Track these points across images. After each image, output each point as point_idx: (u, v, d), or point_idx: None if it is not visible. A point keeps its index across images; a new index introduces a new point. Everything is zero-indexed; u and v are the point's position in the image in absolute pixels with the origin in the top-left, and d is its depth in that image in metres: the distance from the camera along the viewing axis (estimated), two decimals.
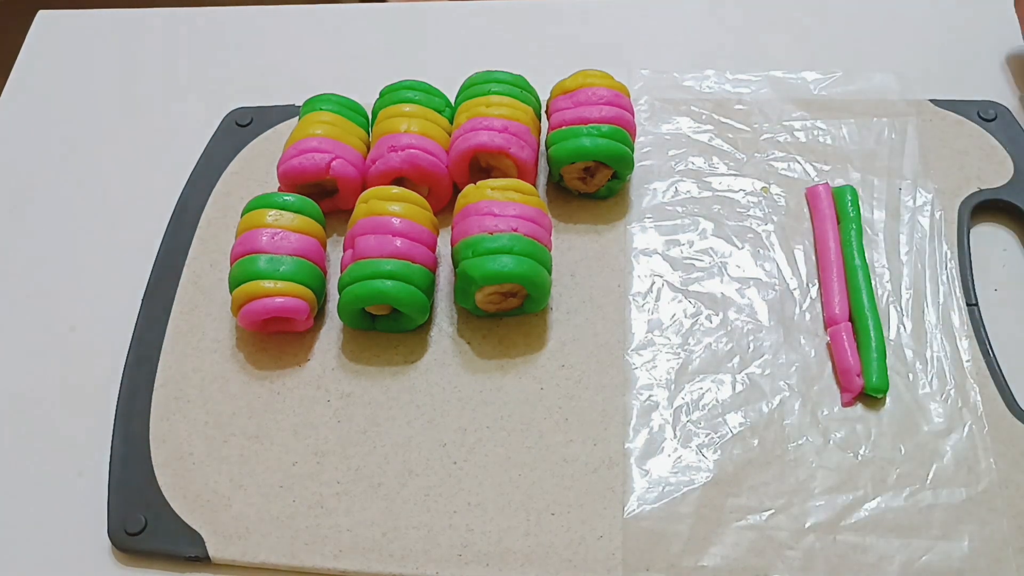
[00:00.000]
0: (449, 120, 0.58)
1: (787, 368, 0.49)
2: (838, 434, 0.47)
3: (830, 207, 0.54)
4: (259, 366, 0.51)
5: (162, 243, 0.57)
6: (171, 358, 0.52)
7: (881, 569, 0.43)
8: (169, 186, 0.59)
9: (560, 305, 0.53)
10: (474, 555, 0.45)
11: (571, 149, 0.54)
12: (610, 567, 0.44)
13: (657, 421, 0.48)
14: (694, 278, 0.53)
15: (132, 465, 0.48)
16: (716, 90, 0.62)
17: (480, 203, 0.51)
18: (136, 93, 0.67)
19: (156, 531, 0.46)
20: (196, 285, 0.55)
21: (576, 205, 0.57)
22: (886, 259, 0.53)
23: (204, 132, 0.62)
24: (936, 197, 0.55)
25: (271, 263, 0.50)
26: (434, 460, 0.48)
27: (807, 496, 0.45)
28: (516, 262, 0.49)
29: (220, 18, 0.71)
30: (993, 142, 0.57)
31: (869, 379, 0.48)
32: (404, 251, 0.50)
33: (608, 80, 0.56)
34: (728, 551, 0.44)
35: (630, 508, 0.46)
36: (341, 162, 0.55)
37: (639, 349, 0.51)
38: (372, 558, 0.45)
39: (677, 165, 0.58)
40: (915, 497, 0.45)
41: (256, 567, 0.46)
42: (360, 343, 0.52)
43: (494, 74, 0.58)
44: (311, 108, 0.58)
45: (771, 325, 0.51)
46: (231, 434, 0.49)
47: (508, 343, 0.51)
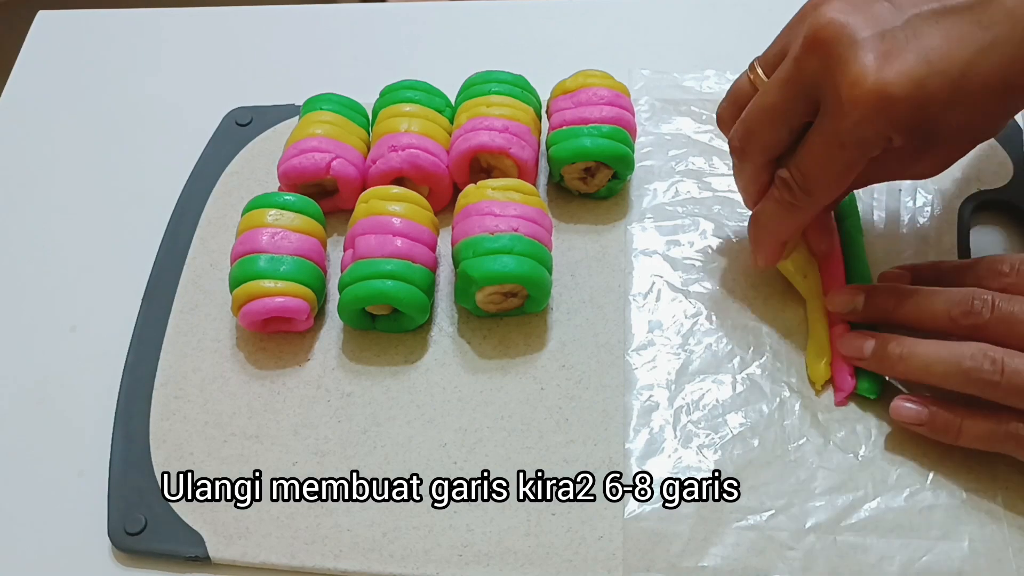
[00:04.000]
0: (449, 120, 0.58)
1: (788, 369, 0.50)
2: (839, 434, 0.47)
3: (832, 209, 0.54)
4: (259, 366, 0.51)
5: (162, 243, 0.57)
6: (171, 358, 0.52)
7: (881, 569, 0.43)
8: (169, 186, 0.59)
9: (560, 305, 0.53)
10: (474, 555, 0.45)
11: (572, 149, 0.54)
12: (610, 567, 0.44)
13: (657, 421, 0.48)
14: (694, 278, 0.53)
15: (132, 465, 0.48)
16: (716, 90, 0.62)
17: (481, 203, 0.51)
18: (136, 93, 0.67)
19: (156, 531, 0.46)
20: (196, 285, 0.55)
21: (576, 205, 0.57)
22: (886, 260, 0.53)
23: (204, 132, 0.62)
24: (936, 198, 0.55)
25: (271, 263, 0.50)
26: (434, 460, 0.48)
27: (807, 496, 0.45)
28: (517, 262, 0.49)
29: (220, 18, 0.71)
30: (993, 142, 0.57)
31: (862, 380, 0.48)
32: (404, 251, 0.50)
33: (608, 80, 0.56)
34: (728, 551, 0.44)
35: (630, 508, 0.46)
36: (341, 162, 0.55)
37: (639, 349, 0.51)
38: (372, 558, 0.45)
39: (677, 165, 0.58)
40: (915, 497, 0.45)
41: (256, 567, 0.46)
42: (360, 343, 0.52)
43: (494, 74, 0.58)
44: (311, 108, 0.58)
45: (772, 325, 0.51)
46: (231, 434, 0.49)
47: (508, 343, 0.51)
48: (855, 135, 0.42)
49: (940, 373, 0.44)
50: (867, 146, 0.43)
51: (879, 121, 0.41)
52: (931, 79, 0.41)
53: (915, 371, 0.45)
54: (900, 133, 0.42)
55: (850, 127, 0.42)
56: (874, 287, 0.49)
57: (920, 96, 0.41)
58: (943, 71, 0.41)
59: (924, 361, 0.45)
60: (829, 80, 0.42)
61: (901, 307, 0.47)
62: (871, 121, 0.41)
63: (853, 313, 0.49)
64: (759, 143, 0.46)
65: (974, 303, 0.44)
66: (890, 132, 0.42)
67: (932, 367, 0.45)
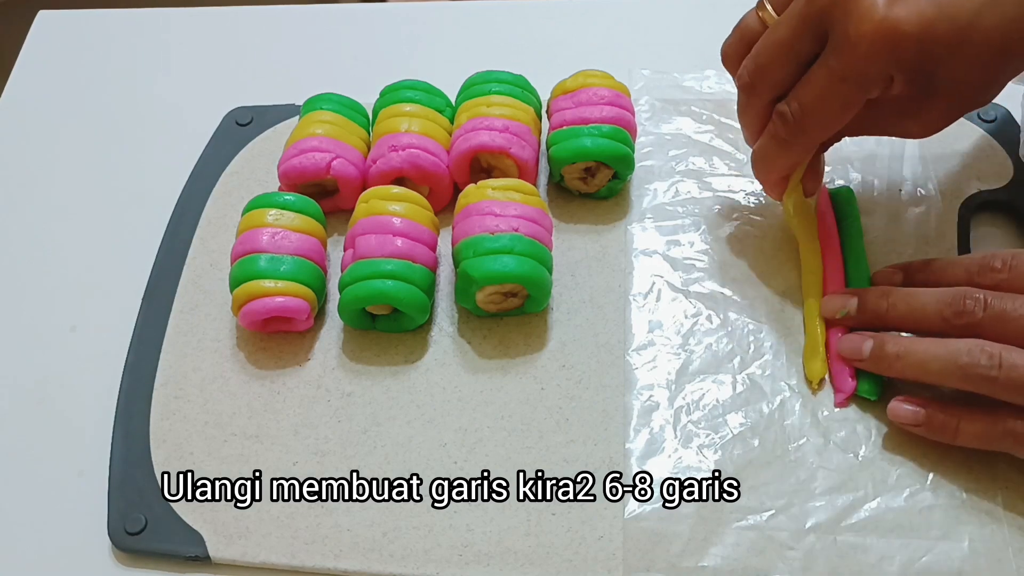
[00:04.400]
0: (450, 120, 0.58)
1: (788, 369, 0.50)
2: (839, 434, 0.47)
3: (829, 208, 0.54)
4: (259, 366, 0.51)
5: (162, 243, 0.57)
6: (171, 358, 0.52)
7: (881, 569, 0.43)
8: (169, 186, 0.59)
9: (560, 305, 0.53)
10: (474, 555, 0.45)
11: (572, 149, 0.54)
12: (610, 567, 0.44)
13: (658, 421, 0.48)
14: (695, 278, 0.53)
15: (132, 465, 0.48)
16: (717, 90, 0.62)
17: (481, 203, 0.51)
18: (136, 93, 0.67)
19: (156, 531, 0.46)
20: (196, 285, 0.55)
21: (577, 205, 0.57)
22: (886, 260, 0.53)
23: (204, 132, 0.62)
24: (936, 198, 0.55)
25: (271, 263, 0.50)
26: (434, 460, 0.48)
27: (807, 496, 0.45)
28: (517, 262, 0.49)
29: (220, 18, 0.71)
30: (993, 143, 0.57)
31: (862, 382, 0.48)
32: (405, 251, 0.50)
33: (609, 80, 0.56)
34: (728, 551, 0.44)
35: (630, 508, 0.46)
36: (342, 161, 0.55)
37: (639, 349, 0.51)
38: (372, 558, 0.45)
39: (678, 165, 0.58)
40: (915, 497, 0.45)
41: (256, 567, 0.46)
42: (360, 343, 0.52)
43: (495, 74, 0.58)
44: (311, 107, 0.58)
45: (772, 325, 0.51)
46: (231, 434, 0.49)
47: (509, 343, 0.51)
48: (858, 70, 0.43)
49: (937, 370, 0.44)
50: (868, 83, 0.44)
51: (884, 57, 0.43)
52: (940, 23, 0.42)
53: (912, 369, 0.45)
54: (902, 74, 0.43)
55: (854, 61, 0.43)
56: (866, 290, 0.49)
57: (927, 37, 0.42)
58: (952, 16, 0.42)
59: (921, 359, 0.45)
60: (839, 14, 0.43)
61: (894, 309, 0.47)
62: (876, 57, 0.42)
63: (847, 318, 0.49)
64: (769, 79, 0.47)
65: (966, 303, 0.45)
66: (892, 71, 0.43)
67: (929, 364, 0.45)
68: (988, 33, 0.43)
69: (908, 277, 0.50)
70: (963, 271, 0.47)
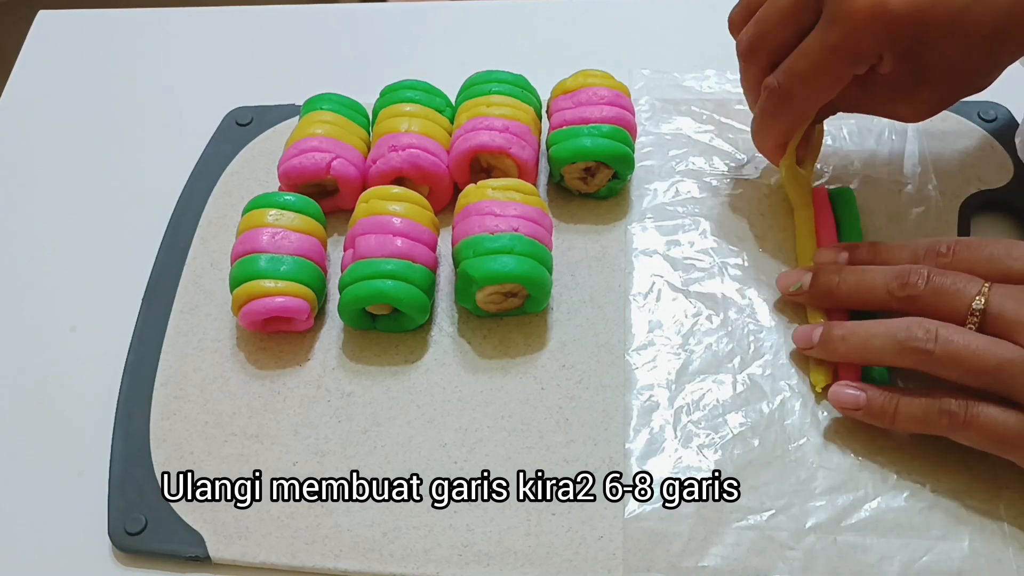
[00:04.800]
0: (450, 120, 0.58)
1: (788, 368, 0.50)
2: (839, 434, 0.47)
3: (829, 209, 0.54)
4: (259, 366, 0.51)
5: (162, 243, 0.57)
6: (171, 358, 0.52)
7: (881, 569, 0.43)
8: (169, 186, 0.59)
9: (560, 305, 0.53)
10: (474, 555, 0.45)
11: (572, 149, 0.54)
12: (610, 567, 0.44)
13: (658, 421, 0.48)
14: (695, 278, 0.53)
15: (132, 465, 0.48)
16: (717, 90, 0.62)
17: (481, 203, 0.51)
18: (136, 93, 0.67)
19: (156, 531, 0.46)
20: (196, 285, 0.55)
21: (577, 205, 0.57)
22: None
23: (204, 132, 0.62)
24: (936, 198, 0.55)
25: (272, 263, 0.50)
26: (434, 460, 0.48)
27: (808, 496, 0.45)
28: (517, 262, 0.49)
29: (220, 18, 0.71)
30: (993, 142, 0.57)
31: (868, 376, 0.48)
32: (405, 251, 0.50)
33: (609, 80, 0.56)
34: (728, 551, 0.44)
35: (630, 508, 0.46)
36: (342, 162, 0.55)
37: (639, 349, 0.51)
38: (372, 558, 0.45)
39: (678, 165, 0.58)
40: (915, 497, 0.45)
41: (256, 567, 0.46)
42: (360, 343, 0.52)
43: (495, 74, 0.58)
44: (312, 107, 0.58)
45: (772, 325, 0.51)
46: (231, 434, 0.49)
47: (508, 343, 0.51)
48: (849, 43, 0.44)
49: (878, 348, 0.45)
50: (857, 58, 0.44)
51: (876, 35, 0.43)
52: (934, 6, 0.43)
53: (856, 350, 0.46)
54: (892, 53, 0.44)
55: (847, 35, 0.44)
56: (819, 266, 0.50)
57: (920, 18, 0.43)
58: (946, 2, 0.43)
59: (863, 338, 0.46)
60: None
61: (844, 283, 0.48)
62: (868, 33, 0.43)
63: (800, 292, 0.50)
64: (768, 45, 0.48)
65: (911, 276, 0.46)
66: (883, 49, 0.44)
67: (870, 342, 0.46)
68: (980, 19, 0.43)
69: (853, 257, 0.50)
70: (909, 254, 0.48)
